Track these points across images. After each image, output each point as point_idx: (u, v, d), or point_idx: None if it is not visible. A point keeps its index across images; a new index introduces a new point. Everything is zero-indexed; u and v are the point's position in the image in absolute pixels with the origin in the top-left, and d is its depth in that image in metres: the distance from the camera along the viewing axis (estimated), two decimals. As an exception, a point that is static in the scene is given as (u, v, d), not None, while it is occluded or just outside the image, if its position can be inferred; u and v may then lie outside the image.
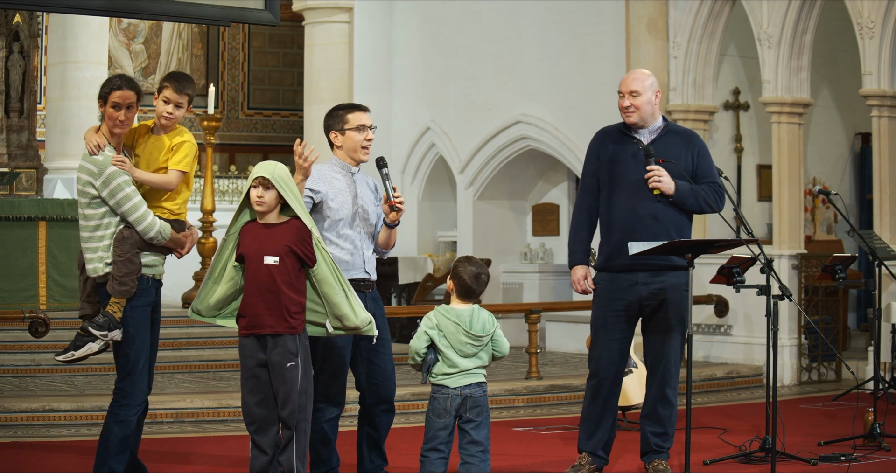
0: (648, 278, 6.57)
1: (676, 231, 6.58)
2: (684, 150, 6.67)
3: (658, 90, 6.71)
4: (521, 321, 11.02)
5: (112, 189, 5.72)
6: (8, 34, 13.34)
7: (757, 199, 12.86)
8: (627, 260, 6.51)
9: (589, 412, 6.75)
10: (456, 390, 5.82)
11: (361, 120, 6.21)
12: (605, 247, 6.68)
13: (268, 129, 16.94)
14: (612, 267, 6.65)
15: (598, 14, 12.93)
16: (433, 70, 14.76)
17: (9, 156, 13.16)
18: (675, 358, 6.65)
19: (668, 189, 6.50)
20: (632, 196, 6.57)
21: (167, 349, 10.85)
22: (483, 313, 5.90)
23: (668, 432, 6.68)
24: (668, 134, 6.70)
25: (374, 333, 5.76)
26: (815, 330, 11.22)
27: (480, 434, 5.84)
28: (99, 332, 5.70)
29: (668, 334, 6.62)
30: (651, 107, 6.65)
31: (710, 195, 6.62)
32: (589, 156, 6.83)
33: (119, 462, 5.82)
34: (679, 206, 6.59)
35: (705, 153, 6.75)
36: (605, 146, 6.73)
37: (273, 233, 5.65)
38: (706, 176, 6.68)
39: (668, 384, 6.65)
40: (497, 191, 14.48)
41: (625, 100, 6.64)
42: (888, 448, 7.61)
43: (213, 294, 5.74)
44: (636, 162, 6.58)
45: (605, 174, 6.69)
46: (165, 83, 5.94)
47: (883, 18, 10.61)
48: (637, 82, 6.63)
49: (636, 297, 6.60)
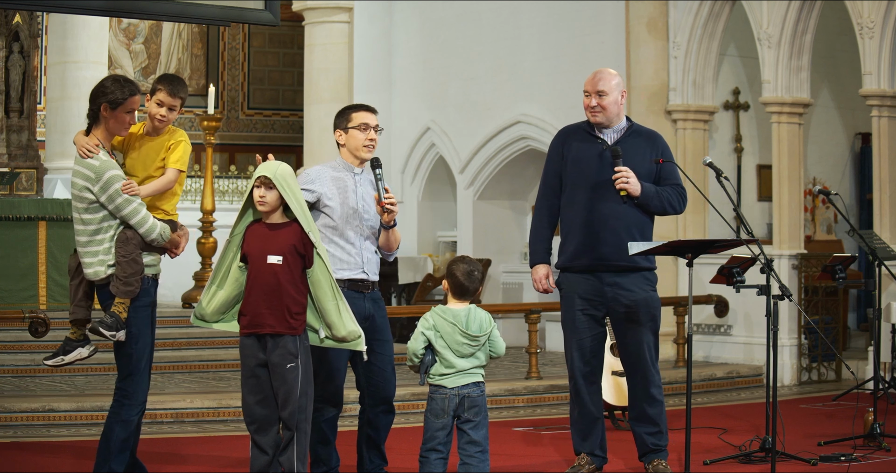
0: (613, 278, 6.57)
1: (639, 232, 6.58)
2: (648, 151, 6.67)
3: (624, 90, 6.70)
4: (521, 321, 11.02)
5: (111, 194, 5.72)
6: (8, 34, 13.33)
7: (757, 199, 12.87)
8: (590, 260, 6.53)
9: (576, 414, 6.74)
10: (454, 390, 5.82)
11: (364, 119, 6.23)
12: (568, 247, 6.66)
13: (268, 129, 16.93)
14: (574, 267, 6.64)
15: (598, 14, 12.92)
16: (433, 70, 14.76)
17: (9, 156, 13.16)
18: (651, 357, 6.64)
19: (635, 190, 6.50)
20: (596, 196, 6.56)
21: (167, 349, 10.86)
22: (480, 313, 5.90)
23: (661, 430, 6.67)
24: (632, 134, 6.69)
25: (361, 348, 5.76)
26: (815, 330, 11.22)
27: (479, 434, 5.84)
28: (108, 333, 5.70)
29: (640, 334, 6.61)
30: (617, 107, 6.64)
31: (673, 197, 6.63)
32: (551, 154, 6.81)
33: (119, 463, 5.82)
34: (643, 208, 6.59)
35: (669, 155, 6.75)
36: (568, 145, 6.72)
37: (277, 233, 5.66)
38: (669, 178, 6.68)
39: (651, 383, 6.64)
40: (497, 191, 14.48)
41: (591, 99, 6.62)
42: (888, 448, 7.61)
43: (218, 297, 5.73)
44: (601, 162, 6.58)
45: (569, 173, 6.67)
46: (159, 86, 5.94)
47: (883, 18, 10.61)
48: (604, 82, 6.61)
49: (601, 297, 6.61)
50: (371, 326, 6.17)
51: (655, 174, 6.65)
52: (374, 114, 6.29)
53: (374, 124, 6.25)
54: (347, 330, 5.72)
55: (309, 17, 15.03)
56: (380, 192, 6.09)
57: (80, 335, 5.94)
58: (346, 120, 6.26)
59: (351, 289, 6.08)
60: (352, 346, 5.77)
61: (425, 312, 5.96)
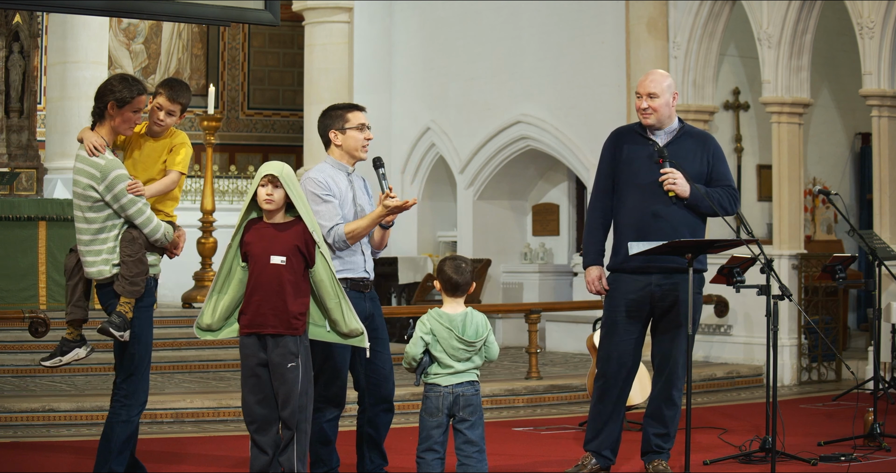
0: (661, 279, 6.58)
1: (689, 233, 6.57)
2: (700, 153, 6.66)
3: (676, 92, 6.68)
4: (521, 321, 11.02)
5: (116, 193, 5.72)
6: (8, 34, 13.33)
7: (757, 199, 12.87)
8: (640, 261, 6.51)
9: (596, 411, 6.74)
10: (448, 388, 5.80)
11: (361, 119, 6.24)
12: (618, 249, 6.66)
13: (268, 129, 16.93)
14: (624, 268, 6.64)
15: (598, 14, 12.93)
16: (433, 70, 14.76)
17: (9, 156, 13.16)
18: (682, 360, 6.64)
19: (683, 191, 6.50)
20: (646, 197, 6.56)
21: (167, 349, 10.86)
22: (477, 317, 5.86)
23: (670, 433, 6.68)
24: (683, 136, 6.68)
25: (364, 345, 5.76)
26: (815, 330, 11.22)
27: (475, 433, 5.82)
28: (118, 333, 5.69)
29: (678, 335, 6.61)
30: (668, 108, 6.62)
31: (724, 198, 6.61)
32: (603, 156, 6.81)
33: (120, 463, 5.82)
34: (693, 209, 6.59)
35: (720, 156, 6.74)
36: (620, 147, 6.72)
37: (280, 233, 5.65)
38: (721, 179, 6.68)
39: (674, 385, 6.66)
40: (497, 191, 14.48)
41: (643, 101, 6.61)
42: (888, 448, 7.61)
43: (223, 303, 5.70)
44: (651, 163, 6.57)
45: (620, 175, 6.67)
46: (160, 89, 5.95)
47: (883, 18, 10.61)
48: (655, 84, 6.60)
49: (648, 298, 6.61)
50: (370, 325, 6.16)
51: (707, 175, 6.64)
52: (366, 113, 6.30)
53: (369, 123, 6.28)
54: (349, 328, 5.72)
55: (309, 17, 15.03)
56: (385, 191, 6.07)
57: (77, 335, 5.94)
58: (341, 120, 6.23)
59: (353, 289, 6.08)
60: (355, 342, 5.77)
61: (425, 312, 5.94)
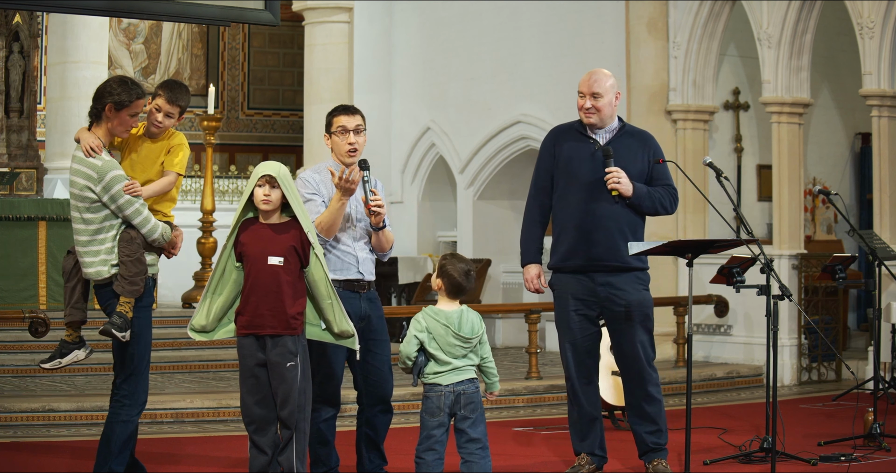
0: (605, 278, 6.57)
1: (632, 232, 6.58)
2: (640, 152, 6.66)
3: (618, 92, 6.68)
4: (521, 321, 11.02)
5: (113, 194, 5.73)
6: (8, 34, 13.33)
7: (757, 199, 12.87)
8: (583, 260, 6.53)
9: (576, 415, 6.74)
10: (448, 387, 5.80)
11: (342, 122, 6.17)
12: (560, 247, 6.65)
13: (268, 129, 16.93)
14: (567, 267, 6.64)
15: (598, 14, 12.92)
16: (433, 70, 14.76)
17: (9, 156, 13.16)
18: (647, 356, 6.63)
19: (626, 190, 6.50)
20: (588, 196, 6.55)
21: (167, 349, 10.85)
22: (471, 315, 5.86)
23: (661, 428, 6.66)
24: (624, 135, 6.68)
25: (355, 347, 5.78)
26: (815, 330, 11.22)
27: (477, 430, 5.82)
28: (120, 333, 5.70)
29: (634, 334, 6.60)
30: (611, 108, 6.63)
31: (665, 197, 6.63)
32: (543, 153, 6.79)
33: (120, 463, 5.82)
34: (635, 208, 6.59)
35: (661, 155, 6.74)
36: (560, 144, 6.71)
37: (277, 234, 5.65)
38: (661, 178, 6.68)
39: (648, 381, 6.63)
40: (497, 191, 14.47)
41: (586, 100, 6.61)
42: (888, 448, 7.61)
43: (217, 304, 5.70)
44: (593, 162, 6.57)
45: (561, 173, 6.66)
46: (160, 91, 5.96)
47: (883, 18, 10.61)
48: (599, 84, 6.59)
49: (595, 297, 6.60)
50: (367, 326, 6.17)
51: (647, 174, 6.65)
52: (354, 115, 6.20)
53: (354, 126, 6.17)
54: (340, 330, 5.74)
55: (309, 17, 15.03)
56: (366, 195, 6.05)
57: (77, 337, 5.94)
58: (329, 124, 6.23)
59: (347, 289, 6.08)
60: (346, 344, 5.79)
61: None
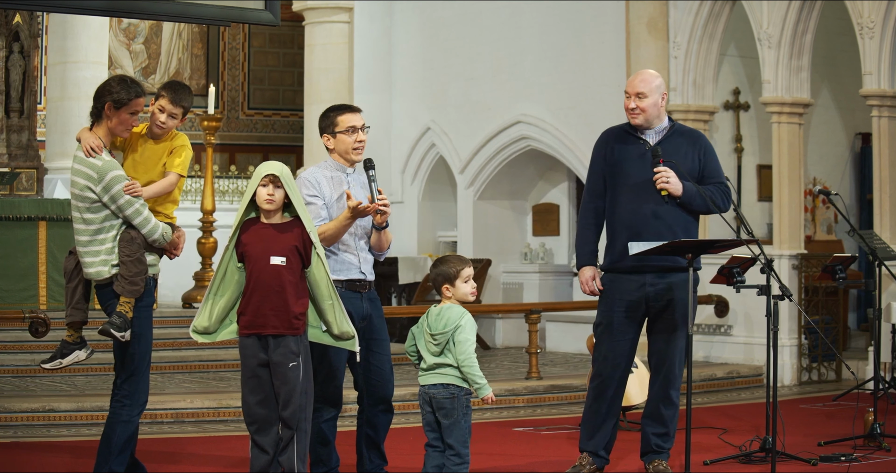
0: (655, 279, 6.57)
1: (683, 231, 6.57)
2: (691, 151, 6.65)
3: (665, 92, 6.67)
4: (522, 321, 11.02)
5: (113, 194, 5.72)
6: (8, 34, 13.33)
7: (757, 199, 12.86)
8: (634, 261, 6.50)
9: (591, 412, 6.74)
10: (424, 388, 5.83)
11: (351, 121, 6.18)
12: (612, 249, 6.66)
13: (268, 129, 16.92)
14: (618, 268, 6.63)
15: (598, 14, 12.92)
16: (433, 70, 14.76)
17: (9, 156, 13.15)
18: (679, 359, 6.64)
19: (675, 190, 6.49)
20: (638, 197, 6.56)
21: (167, 349, 10.85)
22: (451, 312, 5.79)
23: (669, 432, 6.68)
24: (674, 134, 6.68)
25: (355, 348, 5.77)
26: (815, 330, 11.22)
27: (451, 437, 5.77)
28: (119, 334, 5.69)
29: (674, 334, 6.61)
30: (657, 109, 6.62)
31: (716, 196, 6.61)
32: (595, 157, 6.80)
33: (120, 463, 5.82)
34: (686, 207, 6.58)
35: (711, 153, 6.74)
36: (610, 147, 6.71)
37: (280, 234, 5.64)
38: (712, 176, 6.68)
39: (672, 384, 6.65)
40: (497, 191, 14.47)
41: (630, 101, 6.60)
42: (888, 448, 7.61)
43: (220, 305, 5.69)
44: (643, 162, 6.56)
45: (612, 175, 6.66)
46: (163, 92, 5.95)
47: (883, 18, 10.61)
48: (644, 84, 6.59)
49: (643, 298, 6.60)
50: (369, 326, 6.17)
51: (699, 173, 6.64)
52: (359, 114, 6.24)
53: (361, 124, 6.20)
54: (341, 331, 5.73)
55: (309, 17, 15.03)
56: (373, 194, 6.05)
57: (77, 338, 5.94)
58: (332, 124, 6.21)
59: (349, 290, 6.08)
60: (346, 345, 5.78)
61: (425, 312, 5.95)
